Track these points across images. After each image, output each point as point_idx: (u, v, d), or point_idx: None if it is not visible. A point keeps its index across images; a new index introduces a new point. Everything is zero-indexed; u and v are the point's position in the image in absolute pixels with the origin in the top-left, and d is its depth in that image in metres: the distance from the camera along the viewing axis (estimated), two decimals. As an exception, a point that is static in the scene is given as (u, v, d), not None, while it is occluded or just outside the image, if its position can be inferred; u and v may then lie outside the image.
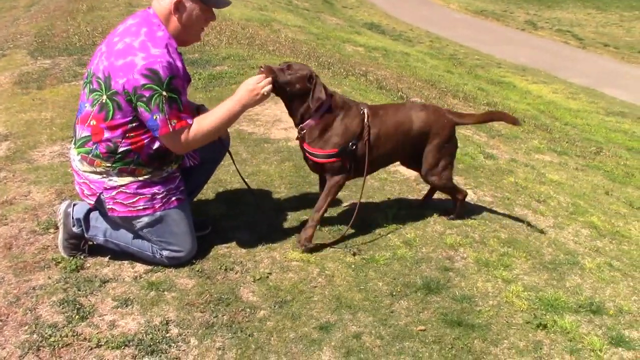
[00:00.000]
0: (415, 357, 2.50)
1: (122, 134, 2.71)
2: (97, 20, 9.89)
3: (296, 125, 3.14)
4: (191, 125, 2.74)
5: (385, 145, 3.26)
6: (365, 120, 3.15)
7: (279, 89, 2.99)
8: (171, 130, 2.67)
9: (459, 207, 3.63)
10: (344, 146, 3.10)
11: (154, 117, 2.64)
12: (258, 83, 2.81)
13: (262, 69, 2.90)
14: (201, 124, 2.77)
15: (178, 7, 2.72)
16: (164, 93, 2.60)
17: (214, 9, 2.85)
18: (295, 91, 3.03)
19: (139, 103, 2.62)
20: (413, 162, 3.49)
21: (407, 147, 3.36)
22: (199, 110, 3.09)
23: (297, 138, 3.18)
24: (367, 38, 13.73)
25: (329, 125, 3.10)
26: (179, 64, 2.72)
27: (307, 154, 3.17)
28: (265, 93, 2.83)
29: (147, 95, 2.60)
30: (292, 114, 3.14)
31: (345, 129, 3.11)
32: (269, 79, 2.85)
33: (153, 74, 2.57)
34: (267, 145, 4.59)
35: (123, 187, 2.81)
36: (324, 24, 14.85)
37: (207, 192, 3.63)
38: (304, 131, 3.11)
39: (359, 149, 3.15)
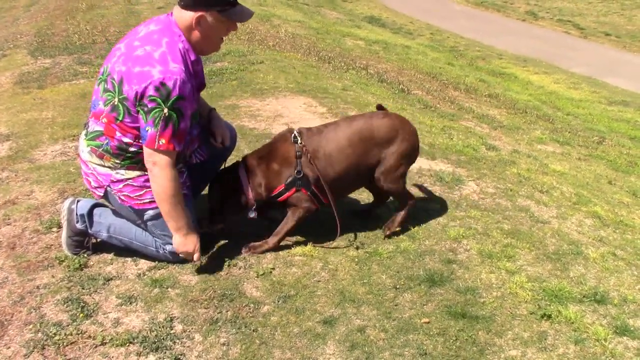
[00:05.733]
0: (420, 350, 2.50)
1: (133, 137, 2.73)
2: (96, 19, 9.89)
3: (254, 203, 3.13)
4: (176, 152, 2.72)
5: (340, 160, 3.08)
6: (299, 143, 3.05)
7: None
8: (155, 147, 2.66)
9: (402, 216, 3.32)
10: (289, 178, 3.05)
11: (146, 129, 2.65)
12: (195, 250, 2.86)
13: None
14: (164, 180, 2.72)
15: (200, 22, 2.72)
16: (165, 110, 2.61)
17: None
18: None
19: (140, 109, 2.64)
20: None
21: (375, 158, 3.16)
22: (210, 113, 3.13)
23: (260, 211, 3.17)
24: (367, 32, 13.68)
25: (261, 178, 3.09)
26: (192, 81, 2.72)
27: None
28: (191, 258, 2.90)
29: (149, 106, 2.61)
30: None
31: (277, 167, 3.07)
32: (198, 254, 2.88)
33: (164, 88, 2.58)
34: (269, 140, 4.57)
35: (130, 180, 2.82)
36: (324, 19, 14.80)
37: (209, 188, 3.62)
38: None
39: (309, 174, 3.05)
